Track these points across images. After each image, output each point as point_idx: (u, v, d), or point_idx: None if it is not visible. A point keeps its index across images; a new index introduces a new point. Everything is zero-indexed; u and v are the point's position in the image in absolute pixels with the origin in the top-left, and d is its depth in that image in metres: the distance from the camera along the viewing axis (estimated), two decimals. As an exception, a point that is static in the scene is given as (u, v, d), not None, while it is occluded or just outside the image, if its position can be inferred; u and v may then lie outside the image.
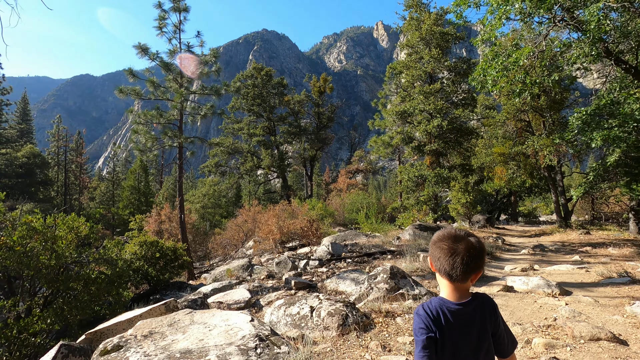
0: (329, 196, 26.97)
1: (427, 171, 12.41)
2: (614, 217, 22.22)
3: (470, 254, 1.26)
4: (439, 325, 1.25)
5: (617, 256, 9.09)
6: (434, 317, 1.27)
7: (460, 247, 1.27)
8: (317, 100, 36.55)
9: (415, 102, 13.71)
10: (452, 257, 1.27)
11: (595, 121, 11.20)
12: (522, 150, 17.16)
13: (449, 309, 1.28)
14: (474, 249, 1.27)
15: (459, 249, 1.27)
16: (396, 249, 10.65)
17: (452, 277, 1.28)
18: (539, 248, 11.62)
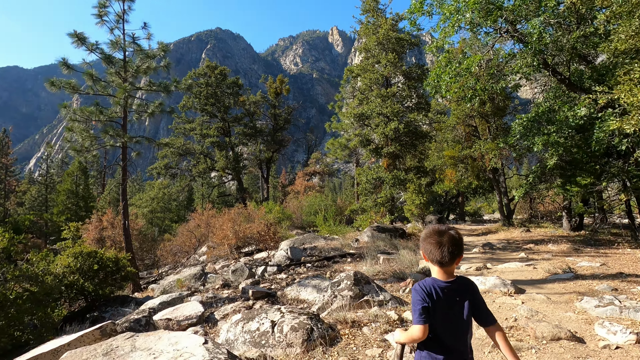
0: (286, 199, 26.58)
1: (384, 173, 12.60)
2: (549, 215, 24.32)
3: (453, 244, 1.61)
4: (431, 297, 1.60)
5: (557, 252, 9.78)
6: (428, 292, 1.61)
7: (445, 239, 1.62)
8: (274, 102, 35.98)
9: (372, 105, 13.89)
10: (440, 248, 1.61)
11: (535, 127, 12.06)
12: (470, 154, 18.09)
13: (439, 286, 1.63)
14: (455, 239, 1.63)
15: (444, 241, 1.62)
16: (356, 251, 10.59)
17: (442, 263, 1.64)
18: (488, 246, 12.23)
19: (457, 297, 1.64)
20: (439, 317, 1.60)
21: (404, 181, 12.08)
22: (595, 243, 11.09)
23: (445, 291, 1.63)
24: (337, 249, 11.24)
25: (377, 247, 10.78)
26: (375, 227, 13.03)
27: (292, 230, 21.36)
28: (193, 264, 15.46)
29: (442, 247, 1.62)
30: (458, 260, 1.66)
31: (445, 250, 1.61)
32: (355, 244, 12.06)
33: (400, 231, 12.95)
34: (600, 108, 11.03)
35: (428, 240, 1.67)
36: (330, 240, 13.68)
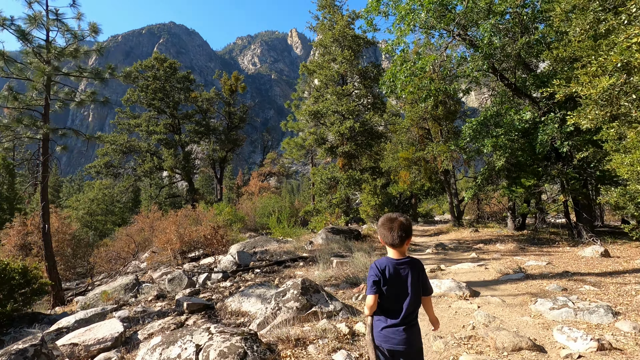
0: (240, 200, 25.47)
1: (339, 173, 12.22)
2: (494, 216, 25.67)
3: (402, 229, 1.99)
4: (383, 273, 1.98)
5: (505, 251, 9.99)
6: (382, 269, 1.99)
7: (395, 225, 2.00)
8: (228, 99, 34.56)
9: (328, 102, 13.54)
10: (392, 232, 1.99)
11: (484, 130, 12.40)
12: (423, 156, 18.41)
13: (392, 264, 2.01)
14: (404, 225, 2.00)
15: (394, 226, 2.00)
16: (309, 254, 10.07)
17: (394, 245, 2.02)
18: (440, 247, 12.32)
19: (406, 272, 2.00)
20: (391, 287, 1.96)
21: (359, 181, 11.82)
22: (538, 242, 11.56)
23: (397, 267, 1.99)
24: (290, 253, 10.65)
25: (331, 249, 10.35)
26: (330, 228, 12.62)
27: (244, 233, 20.39)
28: (132, 271, 14.02)
29: (393, 231, 1.98)
30: (407, 242, 2.02)
31: (395, 234, 1.98)
32: (309, 247, 11.55)
33: (355, 233, 12.66)
34: (543, 113, 11.57)
35: (382, 226, 2.04)
36: (283, 243, 13.05)
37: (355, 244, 11.03)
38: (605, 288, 5.22)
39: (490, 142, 10.92)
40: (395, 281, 1.97)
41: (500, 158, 10.95)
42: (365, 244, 11.43)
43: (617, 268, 6.83)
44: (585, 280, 5.71)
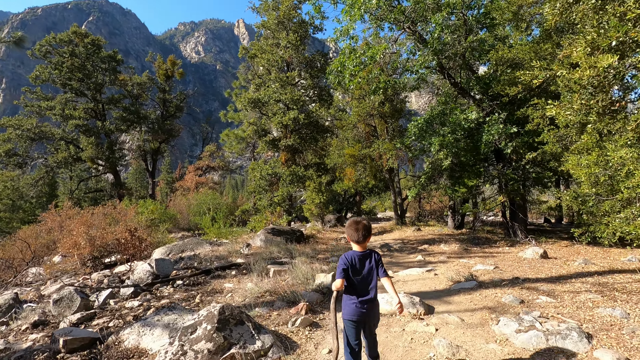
0: (174, 196, 23.12)
1: (281, 169, 11.18)
2: (433, 214, 26.53)
3: (365, 229, 2.69)
4: (351, 263, 2.63)
5: (450, 253, 9.75)
6: (350, 260, 2.65)
7: (360, 226, 2.68)
8: (163, 85, 31.48)
9: (270, 90, 12.32)
10: (357, 232, 2.65)
11: (431, 128, 12.20)
12: (369, 153, 18.06)
13: (357, 255, 2.67)
14: (366, 226, 2.71)
15: (359, 227, 2.67)
16: (244, 260, 8.89)
17: (359, 242, 2.67)
18: (385, 248, 11.87)
19: (366, 261, 2.70)
20: (355, 274, 2.65)
21: (302, 178, 10.90)
22: (478, 242, 11.61)
23: (360, 258, 2.69)
24: (222, 258, 9.36)
25: (269, 253, 9.27)
26: (270, 229, 11.52)
27: (177, 232, 18.41)
28: (31, 281, 11.60)
29: (358, 232, 2.68)
30: (368, 239, 2.73)
31: (360, 233, 2.67)
32: (246, 250, 10.35)
33: (298, 233, 11.72)
34: (487, 113, 11.64)
35: (350, 227, 2.73)
36: (217, 246, 11.66)
37: (297, 248, 10.07)
38: (561, 299, 4.86)
39: (438, 140, 10.65)
40: (359, 269, 2.66)
41: (447, 157, 10.72)
42: (308, 247, 10.53)
43: (560, 272, 6.70)
44: (539, 289, 5.36)
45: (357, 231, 2.66)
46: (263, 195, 11.33)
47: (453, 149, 10.54)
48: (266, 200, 11.65)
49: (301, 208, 21.74)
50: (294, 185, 10.81)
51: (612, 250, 9.36)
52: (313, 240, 11.69)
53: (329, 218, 21.27)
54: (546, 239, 11.88)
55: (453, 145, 10.56)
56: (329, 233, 16.29)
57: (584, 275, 6.25)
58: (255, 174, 11.27)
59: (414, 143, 17.08)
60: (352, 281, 2.62)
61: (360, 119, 17.02)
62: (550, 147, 8.91)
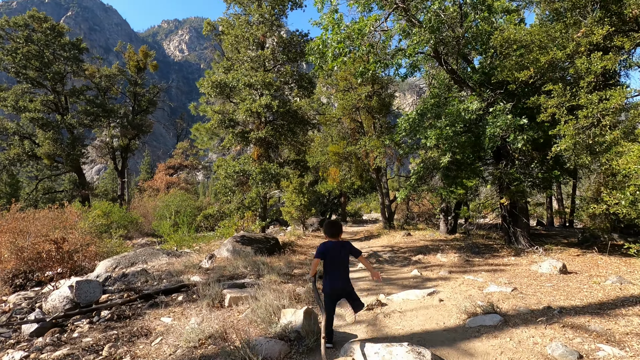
0: (142, 197, 20.99)
1: (252, 166, 9.45)
2: (421, 216, 25.25)
3: (336, 227, 3.76)
4: (326, 249, 3.57)
5: (450, 266, 8.28)
6: (325, 247, 3.58)
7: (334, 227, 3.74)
8: (135, 78, 29.22)
9: (239, 72, 10.51)
10: (331, 230, 3.70)
11: (423, 122, 10.77)
12: (354, 151, 16.56)
13: (331, 244, 3.60)
14: (338, 225, 3.82)
15: (333, 227, 3.73)
16: (201, 278, 7.17)
17: (333, 236, 3.66)
18: (374, 257, 10.34)
19: (339, 249, 3.62)
20: (330, 259, 3.59)
21: (276, 176, 9.23)
22: (478, 250, 10.21)
23: (334, 245, 3.62)
24: (176, 274, 7.61)
25: (234, 269, 7.58)
26: (240, 237, 9.81)
27: (141, 239, 16.39)
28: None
29: (332, 229, 3.71)
30: (340, 235, 3.73)
31: (333, 230, 3.71)
32: (208, 264, 8.61)
33: (272, 242, 10.04)
34: (489, 104, 10.26)
35: (326, 226, 3.77)
36: (175, 257, 9.86)
37: (269, 261, 8.40)
38: (629, 348, 3.38)
39: (434, 133, 9.18)
40: (333, 253, 3.62)
41: (445, 153, 9.27)
42: (283, 259, 8.87)
43: (597, 296, 5.28)
44: (588, 329, 3.89)
45: (331, 229, 3.76)
46: (230, 197, 9.62)
47: (453, 143, 9.10)
48: (235, 202, 9.92)
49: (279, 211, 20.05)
50: (266, 185, 9.12)
51: (635, 261, 8.08)
52: (290, 250, 10.04)
53: (311, 221, 19.65)
54: (550, 246, 10.61)
55: (452, 140, 9.11)
56: (311, 239, 14.66)
57: (633, 303, 4.82)
58: (221, 172, 9.50)
59: (404, 140, 15.70)
60: (328, 262, 3.64)
61: (345, 112, 15.49)
62: (567, 141, 7.55)
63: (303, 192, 15.02)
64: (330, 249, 3.59)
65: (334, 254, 3.59)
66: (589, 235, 11.17)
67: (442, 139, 9.19)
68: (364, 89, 14.65)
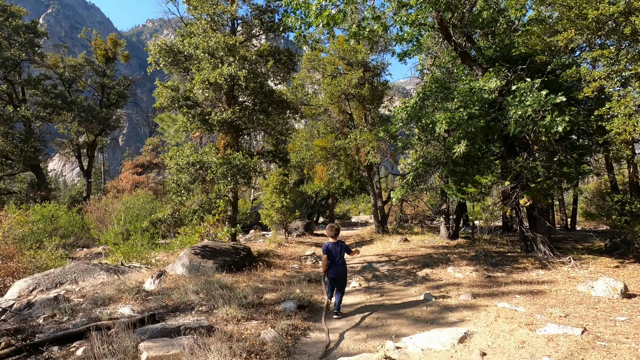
0: (106, 197, 18.61)
1: (211, 156, 7.29)
2: (415, 218, 23.51)
3: (336, 230, 5.21)
4: (329, 248, 5.03)
5: (470, 284, 6.41)
6: (328, 246, 5.04)
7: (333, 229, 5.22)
8: (102, 68, 26.67)
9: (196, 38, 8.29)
10: (332, 232, 5.16)
11: (429, 105, 8.96)
12: (344, 145, 14.65)
13: (331, 244, 5.06)
14: (337, 228, 5.27)
15: (333, 230, 5.20)
16: (135, 309, 5.14)
17: (333, 237, 5.11)
18: (369, 271, 8.42)
19: (338, 247, 5.03)
20: (332, 255, 4.97)
21: (243, 169, 7.13)
22: (496, 262, 8.40)
23: (334, 245, 5.01)
24: (102, 303, 5.52)
25: (182, 295, 5.54)
26: (201, 248, 7.74)
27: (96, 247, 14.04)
28: None
29: (332, 231, 5.12)
30: (338, 236, 5.14)
31: (333, 233, 5.10)
32: (154, 285, 6.53)
33: (243, 253, 8.00)
34: (507, 82, 8.49)
35: (328, 229, 5.17)
36: (119, 273, 7.73)
37: (234, 281, 6.37)
38: None
39: (445, 117, 7.33)
40: (333, 251, 4.98)
41: (459, 140, 7.43)
42: (254, 278, 6.84)
43: None
44: None
45: (331, 231, 5.15)
46: (185, 196, 7.51)
47: (469, 128, 7.25)
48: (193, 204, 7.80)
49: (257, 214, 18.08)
50: (229, 181, 7.05)
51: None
52: (265, 263, 8.02)
53: (295, 225, 17.64)
54: (578, 254, 8.91)
55: (467, 124, 7.27)
56: (294, 246, 12.66)
57: None
58: (171, 164, 7.36)
59: (402, 132, 13.90)
60: (331, 258, 5.02)
61: (333, 100, 13.57)
62: (620, 122, 5.79)
63: (285, 192, 13.04)
64: (332, 247, 5.05)
65: (334, 252, 5.05)
66: (620, 241, 9.54)
67: (455, 123, 7.37)
68: (354, 73, 12.77)
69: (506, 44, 8.91)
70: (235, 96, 8.08)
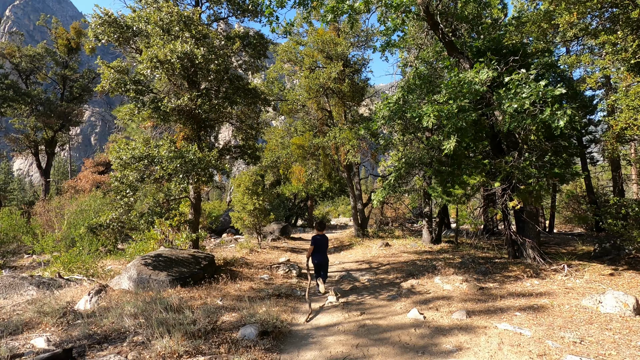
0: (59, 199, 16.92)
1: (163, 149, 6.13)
2: (396, 221, 22.92)
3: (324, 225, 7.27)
4: (317, 239, 6.65)
5: (461, 299, 5.64)
6: (317, 238, 6.67)
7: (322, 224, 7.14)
8: (64, 59, 24.75)
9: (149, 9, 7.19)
10: (321, 227, 7.05)
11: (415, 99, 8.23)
12: (322, 144, 13.79)
13: (320, 236, 6.73)
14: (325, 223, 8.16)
15: (323, 225, 7.14)
16: (55, 338, 4.07)
17: (321, 230, 6.89)
18: (348, 281, 7.55)
19: (324, 239, 6.76)
20: (319, 245, 6.61)
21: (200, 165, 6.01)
22: (485, 270, 7.73)
23: (321, 237, 6.69)
24: (14, 330, 4.38)
25: (119, 317, 4.48)
26: (154, 257, 6.64)
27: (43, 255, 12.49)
28: None
29: (321, 226, 7.01)
30: (323, 230, 6.92)
31: (322, 227, 6.99)
32: (90, 304, 5.41)
33: (204, 264, 6.95)
34: (499, 74, 7.87)
35: (318, 225, 7.07)
36: (53, 288, 6.53)
37: (188, 297, 5.33)
38: None
39: (432, 109, 6.59)
40: (320, 242, 6.61)
41: (449, 136, 6.71)
42: (213, 294, 5.82)
43: None
44: None
45: (321, 226, 6.88)
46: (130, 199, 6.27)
47: (459, 123, 6.52)
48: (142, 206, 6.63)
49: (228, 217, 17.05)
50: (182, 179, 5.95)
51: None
52: (229, 275, 6.98)
53: (271, 229, 16.62)
54: (568, 260, 8.39)
55: (457, 118, 6.54)
56: (267, 252, 11.65)
57: None
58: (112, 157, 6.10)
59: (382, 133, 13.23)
60: (318, 248, 6.53)
61: (311, 95, 12.68)
62: (627, 115, 5.19)
63: (258, 193, 12.02)
64: (320, 239, 6.65)
65: (321, 243, 6.66)
66: (610, 246, 9.11)
67: (443, 117, 6.63)
68: (334, 66, 11.93)
69: (494, 36, 8.29)
70: (196, 81, 7.00)
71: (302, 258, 11.40)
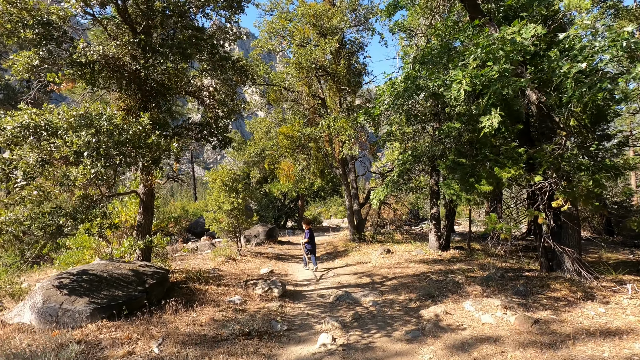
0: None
1: (68, 114, 4.19)
2: (393, 223, 21.17)
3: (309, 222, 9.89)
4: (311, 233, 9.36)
5: (515, 342, 3.87)
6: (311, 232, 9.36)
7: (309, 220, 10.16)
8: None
9: None
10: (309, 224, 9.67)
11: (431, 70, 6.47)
12: (314, 134, 11.98)
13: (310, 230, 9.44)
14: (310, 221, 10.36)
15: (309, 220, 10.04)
16: None
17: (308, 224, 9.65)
18: (347, 305, 5.72)
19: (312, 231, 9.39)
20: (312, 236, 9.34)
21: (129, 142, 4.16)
22: (524, 291, 5.98)
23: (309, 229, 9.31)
24: None
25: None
26: (76, 274, 4.75)
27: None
28: None
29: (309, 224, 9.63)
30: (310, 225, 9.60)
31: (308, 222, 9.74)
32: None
33: (150, 283, 5.05)
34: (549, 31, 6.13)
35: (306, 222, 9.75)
36: None
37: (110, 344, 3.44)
38: None
39: (465, 74, 4.82)
40: (312, 233, 9.29)
41: (489, 109, 4.94)
42: (148, 335, 3.93)
43: None
44: None
45: (310, 222, 9.73)
46: (27, 191, 4.34)
47: (504, 90, 4.75)
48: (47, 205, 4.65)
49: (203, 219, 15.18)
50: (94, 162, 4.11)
51: None
52: (187, 296, 5.11)
53: (255, 231, 14.74)
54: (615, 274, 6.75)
55: (502, 84, 4.76)
56: (247, 260, 9.79)
57: None
58: None
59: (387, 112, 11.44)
60: (312, 237, 9.18)
61: (302, 75, 10.82)
62: None
63: (237, 190, 10.16)
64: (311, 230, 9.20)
65: (312, 234, 9.17)
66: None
67: (480, 84, 4.86)
68: (328, 42, 10.11)
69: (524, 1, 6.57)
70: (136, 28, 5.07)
71: (290, 269, 9.61)
